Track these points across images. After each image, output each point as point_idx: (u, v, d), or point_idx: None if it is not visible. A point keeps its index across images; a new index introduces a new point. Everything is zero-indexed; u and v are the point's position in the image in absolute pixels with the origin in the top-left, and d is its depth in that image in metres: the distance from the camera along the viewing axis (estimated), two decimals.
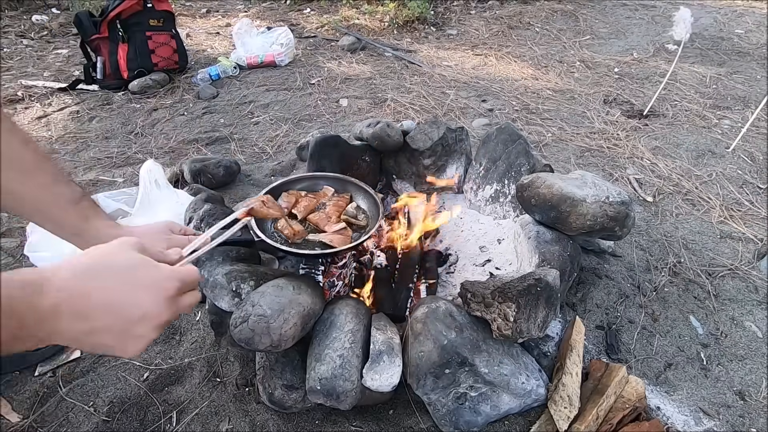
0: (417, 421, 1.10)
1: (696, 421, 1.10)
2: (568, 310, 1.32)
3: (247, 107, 2.73)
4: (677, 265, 1.56)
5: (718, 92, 2.80)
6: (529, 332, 1.01)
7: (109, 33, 2.86)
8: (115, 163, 2.21)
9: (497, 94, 2.85)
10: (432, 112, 2.62)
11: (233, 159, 2.09)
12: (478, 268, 1.41)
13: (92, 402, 1.16)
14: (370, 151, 1.63)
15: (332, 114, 2.65)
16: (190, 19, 4.41)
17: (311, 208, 1.25)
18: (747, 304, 1.42)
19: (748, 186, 1.97)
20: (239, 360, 1.25)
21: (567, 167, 2.11)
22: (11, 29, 3.97)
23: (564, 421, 1.02)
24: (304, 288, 1.07)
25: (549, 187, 1.23)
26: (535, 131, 2.41)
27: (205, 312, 1.38)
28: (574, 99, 2.77)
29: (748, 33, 3.74)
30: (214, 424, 1.11)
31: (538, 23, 4.07)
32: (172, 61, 3.10)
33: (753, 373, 1.22)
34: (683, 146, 2.26)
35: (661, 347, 1.28)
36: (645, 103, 2.66)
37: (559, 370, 1.11)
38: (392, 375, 1.01)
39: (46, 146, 2.34)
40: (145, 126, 2.54)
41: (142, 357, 1.27)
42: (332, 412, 1.13)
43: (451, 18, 4.26)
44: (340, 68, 3.25)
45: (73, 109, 2.72)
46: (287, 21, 4.26)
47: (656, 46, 3.54)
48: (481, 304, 1.03)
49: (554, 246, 1.22)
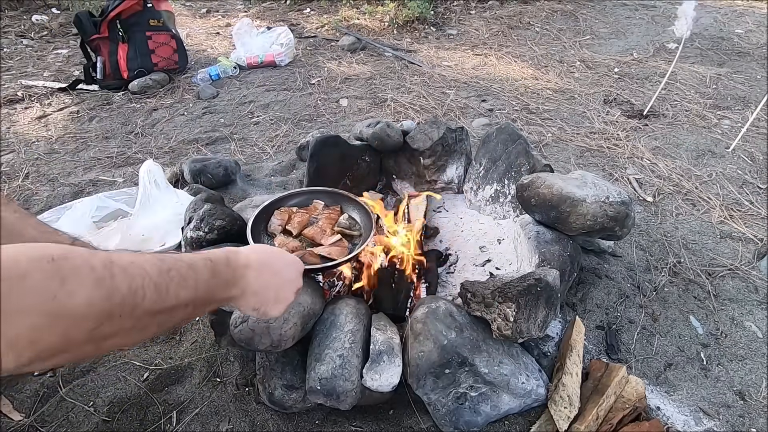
0: (417, 421, 1.10)
1: (696, 421, 1.10)
2: (568, 310, 1.32)
3: (247, 107, 2.73)
4: (677, 265, 1.56)
5: (718, 92, 2.80)
6: (529, 332, 1.01)
7: (109, 33, 2.86)
8: (115, 163, 2.21)
9: (497, 94, 2.85)
10: (432, 112, 2.62)
11: (233, 159, 2.09)
12: (478, 268, 1.41)
13: (92, 402, 1.16)
14: (370, 151, 1.63)
15: (332, 114, 2.65)
16: (190, 19, 4.41)
17: (305, 223, 1.25)
18: (747, 304, 1.42)
19: (748, 186, 1.97)
20: (239, 360, 1.25)
21: (567, 167, 2.11)
22: (11, 29, 3.98)
23: (564, 421, 1.02)
24: (304, 288, 1.07)
25: (549, 187, 1.23)
26: (535, 131, 2.41)
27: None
28: (574, 99, 2.77)
29: (748, 33, 3.73)
30: (214, 424, 1.11)
31: (538, 23, 4.07)
32: (172, 61, 3.10)
33: (753, 373, 1.22)
34: (683, 146, 2.26)
35: (661, 347, 1.28)
36: (645, 103, 2.66)
37: (559, 370, 1.11)
38: (392, 375, 1.01)
39: (46, 146, 2.34)
40: (145, 126, 2.54)
41: (142, 357, 1.27)
42: (332, 412, 1.13)
43: (451, 18, 4.26)
44: (340, 68, 3.25)
45: (73, 109, 2.72)
46: (287, 21, 4.26)
47: (656, 45, 3.54)
48: (481, 304, 1.03)
49: (554, 246, 1.22)
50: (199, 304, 0.57)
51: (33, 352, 0.40)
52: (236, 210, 1.39)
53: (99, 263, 0.45)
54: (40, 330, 0.40)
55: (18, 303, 0.38)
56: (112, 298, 0.44)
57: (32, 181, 2.08)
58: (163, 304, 0.51)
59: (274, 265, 0.71)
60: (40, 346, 0.40)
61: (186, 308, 0.55)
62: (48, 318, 0.40)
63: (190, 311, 0.57)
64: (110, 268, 0.45)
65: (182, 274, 0.53)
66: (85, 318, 0.42)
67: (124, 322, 0.46)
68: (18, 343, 0.39)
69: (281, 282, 0.71)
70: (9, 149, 2.32)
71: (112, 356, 1.28)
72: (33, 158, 2.24)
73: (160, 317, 0.51)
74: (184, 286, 0.53)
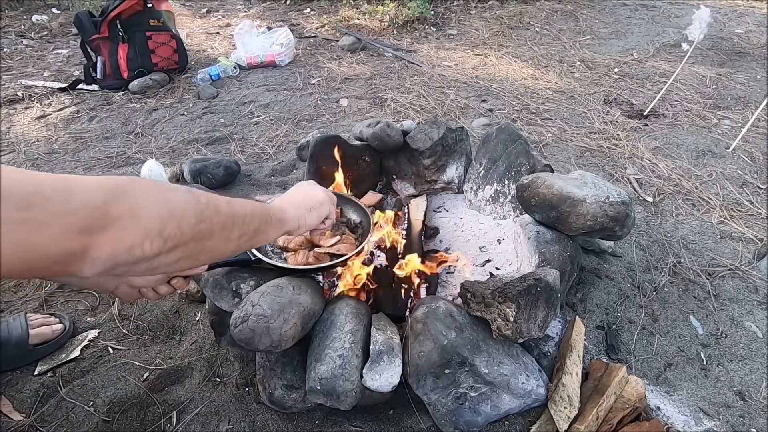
0: (417, 421, 1.10)
1: (696, 421, 1.10)
2: (568, 310, 1.32)
3: (247, 107, 2.73)
4: (677, 265, 1.56)
5: (718, 92, 2.80)
6: (529, 332, 1.01)
7: (109, 33, 2.86)
8: (115, 163, 2.21)
9: (497, 94, 2.85)
10: (432, 112, 2.62)
11: (233, 159, 2.09)
12: (478, 268, 1.41)
13: (92, 402, 1.16)
14: (370, 151, 1.63)
15: (332, 114, 2.65)
16: (190, 19, 4.41)
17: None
18: (747, 304, 1.42)
19: (748, 186, 1.97)
20: (239, 360, 1.25)
21: (567, 167, 2.11)
22: (11, 29, 3.98)
23: (564, 421, 1.02)
24: (304, 288, 1.07)
25: (549, 187, 1.23)
26: (535, 131, 2.41)
27: (205, 312, 1.38)
28: (574, 99, 2.77)
29: (748, 33, 3.73)
30: (214, 424, 1.11)
31: (538, 23, 4.07)
32: (172, 61, 3.10)
33: (753, 373, 1.22)
34: (683, 146, 2.26)
35: (661, 347, 1.28)
36: (645, 103, 2.66)
37: (559, 370, 1.11)
38: (392, 375, 1.01)
39: (46, 146, 2.34)
40: (145, 126, 2.54)
41: (142, 357, 1.27)
42: (332, 412, 1.13)
43: (451, 18, 4.26)
44: (340, 68, 3.25)
45: (73, 109, 2.72)
46: (287, 21, 4.26)
47: (656, 46, 3.54)
48: (481, 304, 1.03)
49: (554, 246, 1.22)
50: (261, 218, 0.74)
51: (162, 240, 0.52)
52: None
53: (183, 186, 0.61)
54: (163, 220, 0.53)
55: (145, 199, 0.52)
56: (200, 201, 0.59)
57: None
58: (235, 213, 0.66)
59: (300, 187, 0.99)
60: (164, 234, 0.53)
61: (254, 220, 0.71)
62: (166, 210, 0.54)
63: (258, 225, 0.73)
64: (190, 188, 0.60)
65: (238, 200, 0.69)
66: (186, 214, 0.56)
67: (213, 224, 0.60)
68: (151, 232, 0.51)
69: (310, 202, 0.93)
70: (9, 149, 2.32)
71: (112, 356, 1.28)
72: (33, 158, 2.24)
73: (237, 223, 0.66)
74: (242, 204, 0.69)
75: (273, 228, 0.80)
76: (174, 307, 1.43)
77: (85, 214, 0.46)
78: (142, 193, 0.52)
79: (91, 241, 0.46)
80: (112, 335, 1.34)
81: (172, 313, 1.41)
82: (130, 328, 1.36)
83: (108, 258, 0.48)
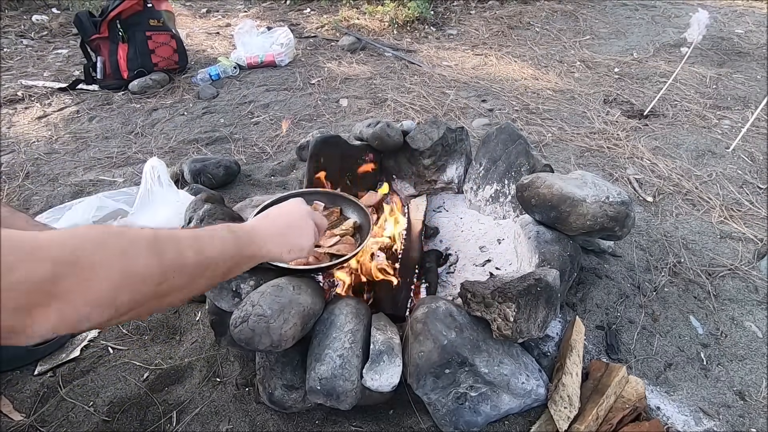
0: (417, 421, 1.10)
1: (696, 421, 1.10)
2: (568, 310, 1.32)
3: (247, 107, 2.73)
4: (677, 265, 1.56)
5: (718, 92, 2.80)
6: (529, 332, 1.01)
7: (109, 33, 2.86)
8: (115, 163, 2.21)
9: (497, 94, 2.85)
10: (432, 112, 2.62)
11: (233, 159, 2.09)
12: (478, 268, 1.41)
13: (92, 402, 1.16)
14: (370, 151, 1.63)
15: (332, 114, 2.65)
16: (190, 19, 4.41)
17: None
18: (747, 304, 1.42)
19: (748, 186, 1.97)
20: (239, 360, 1.25)
21: (567, 167, 2.11)
22: (11, 29, 3.98)
23: (564, 421, 1.02)
24: (304, 288, 1.07)
25: (549, 187, 1.23)
26: (535, 131, 2.41)
27: (205, 312, 1.38)
28: (574, 99, 2.77)
29: (748, 33, 3.73)
30: (214, 424, 1.11)
31: (538, 23, 4.07)
32: (172, 61, 3.10)
33: (753, 373, 1.22)
34: (683, 146, 2.26)
35: (661, 347, 1.28)
36: (645, 103, 2.66)
37: (559, 370, 1.11)
38: (392, 375, 1.01)
39: (46, 146, 2.34)
40: (145, 126, 2.54)
41: (142, 357, 1.27)
42: (332, 412, 1.13)
43: (451, 18, 4.26)
44: (340, 68, 3.25)
45: (73, 109, 2.72)
46: (287, 21, 4.26)
47: (656, 46, 3.54)
48: (481, 304, 1.03)
49: (554, 246, 1.22)
50: (232, 259, 0.70)
51: (113, 309, 0.50)
52: (236, 210, 1.39)
53: (148, 236, 0.56)
54: (117, 290, 0.50)
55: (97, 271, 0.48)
56: (163, 261, 0.55)
57: (32, 181, 2.08)
58: (204, 262, 0.63)
59: (282, 214, 0.89)
60: (117, 303, 0.50)
61: (224, 263, 0.68)
62: (123, 281, 0.50)
63: (230, 266, 0.70)
64: (157, 239, 0.56)
65: (210, 235, 0.67)
66: (147, 280, 0.53)
67: (177, 280, 0.57)
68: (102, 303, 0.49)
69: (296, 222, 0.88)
70: (9, 149, 2.32)
71: (112, 356, 1.28)
72: (33, 158, 2.24)
73: (205, 273, 0.63)
74: (213, 245, 0.66)
75: (244, 266, 0.78)
76: (174, 307, 1.43)
77: (26, 288, 0.43)
78: (98, 264, 0.48)
79: (31, 319, 0.44)
80: (111, 335, 1.34)
81: (172, 313, 1.41)
82: (130, 328, 1.36)
83: (50, 330, 0.46)
